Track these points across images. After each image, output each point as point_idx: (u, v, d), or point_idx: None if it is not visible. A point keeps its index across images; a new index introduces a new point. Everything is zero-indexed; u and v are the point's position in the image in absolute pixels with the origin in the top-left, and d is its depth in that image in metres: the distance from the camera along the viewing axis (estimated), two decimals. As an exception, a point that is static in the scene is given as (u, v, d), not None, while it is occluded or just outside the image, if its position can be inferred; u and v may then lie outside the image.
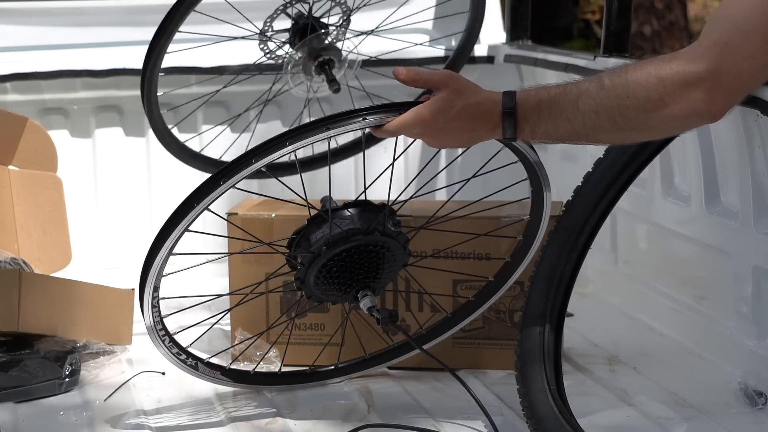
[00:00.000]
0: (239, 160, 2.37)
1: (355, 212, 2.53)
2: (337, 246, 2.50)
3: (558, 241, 2.61)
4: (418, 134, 2.32)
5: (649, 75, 2.17)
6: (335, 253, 2.50)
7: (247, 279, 2.89)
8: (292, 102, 3.62)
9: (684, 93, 2.14)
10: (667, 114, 2.16)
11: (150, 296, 2.50)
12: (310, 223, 2.54)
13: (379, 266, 2.54)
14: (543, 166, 2.51)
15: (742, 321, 2.78)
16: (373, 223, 2.50)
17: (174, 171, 3.44)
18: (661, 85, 2.15)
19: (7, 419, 2.63)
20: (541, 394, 2.48)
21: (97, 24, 3.62)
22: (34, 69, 3.50)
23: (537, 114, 2.25)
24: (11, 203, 3.27)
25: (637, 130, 2.21)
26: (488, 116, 2.27)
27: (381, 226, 2.50)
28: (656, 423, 2.59)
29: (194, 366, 2.68)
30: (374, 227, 2.50)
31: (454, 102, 2.27)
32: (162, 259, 2.45)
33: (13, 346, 2.78)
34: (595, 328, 3.18)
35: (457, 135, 2.30)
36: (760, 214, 2.68)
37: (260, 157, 2.36)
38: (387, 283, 2.64)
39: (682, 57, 2.16)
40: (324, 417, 2.65)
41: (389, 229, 2.52)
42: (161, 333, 2.59)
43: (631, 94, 2.17)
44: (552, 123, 2.24)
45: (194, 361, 2.67)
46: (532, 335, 2.55)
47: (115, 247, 3.63)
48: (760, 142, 2.61)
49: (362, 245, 2.50)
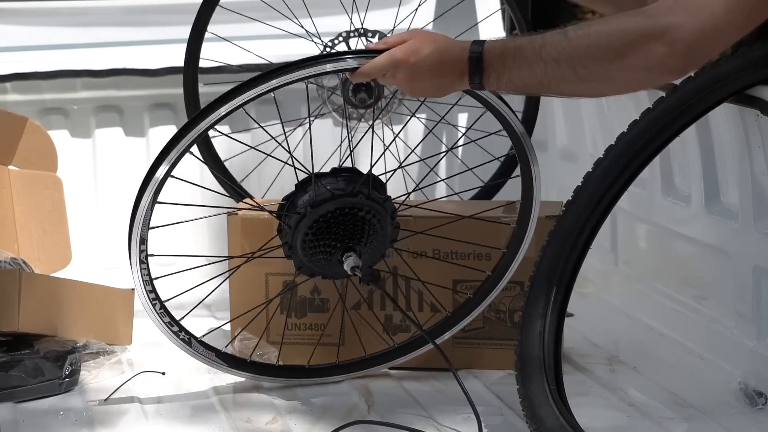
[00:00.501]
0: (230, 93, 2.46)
1: (342, 178, 2.60)
2: (321, 206, 2.56)
3: (558, 241, 2.61)
4: (391, 76, 2.38)
5: (611, 27, 2.22)
6: (321, 215, 2.56)
7: (248, 279, 2.90)
8: (292, 101, 3.63)
9: (644, 45, 2.18)
10: (626, 65, 2.20)
11: (137, 248, 2.51)
12: (298, 188, 2.61)
13: (364, 231, 2.59)
14: (528, 138, 2.58)
15: (742, 321, 2.78)
16: (357, 185, 2.57)
17: (174, 171, 3.43)
18: (622, 36, 2.19)
19: (7, 419, 2.63)
20: (541, 394, 2.48)
21: (97, 24, 3.62)
22: (34, 69, 3.50)
23: (502, 61, 2.30)
24: (11, 203, 3.27)
25: (597, 81, 2.25)
26: (457, 62, 2.33)
27: (366, 189, 2.57)
28: (656, 423, 2.59)
29: (187, 341, 2.68)
30: (359, 189, 2.56)
31: (425, 43, 2.35)
32: (149, 202, 2.52)
33: (13, 346, 2.78)
34: (595, 328, 3.18)
35: (429, 79, 2.36)
36: (760, 214, 2.68)
37: (247, 88, 2.44)
38: (376, 257, 2.67)
39: (645, 12, 2.20)
40: (324, 417, 2.65)
41: (374, 194, 2.59)
42: (151, 296, 2.58)
43: (592, 43, 2.22)
44: (516, 71, 2.29)
45: (187, 336, 2.67)
46: (532, 335, 2.55)
47: (115, 247, 3.62)
48: (760, 142, 2.61)
49: (347, 207, 2.56)
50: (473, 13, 3.83)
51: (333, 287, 2.88)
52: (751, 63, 2.45)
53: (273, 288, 2.92)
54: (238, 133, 3.29)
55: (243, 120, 3.44)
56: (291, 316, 2.93)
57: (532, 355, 2.53)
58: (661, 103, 2.55)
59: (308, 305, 2.93)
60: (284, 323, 2.92)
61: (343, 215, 2.58)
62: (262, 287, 2.91)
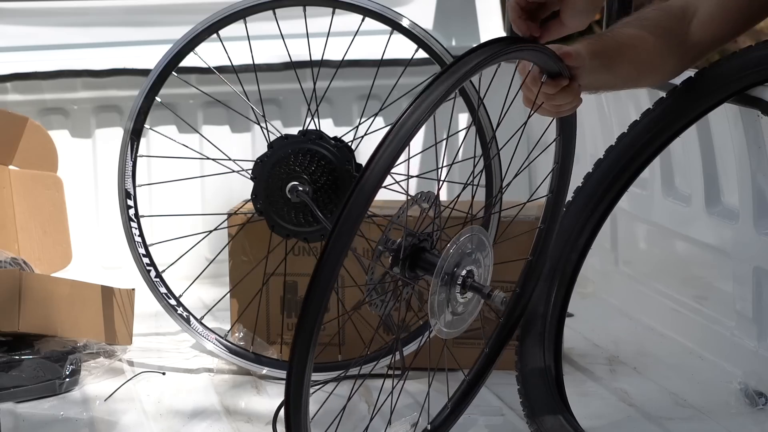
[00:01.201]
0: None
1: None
2: (277, 149, 2.79)
3: (558, 241, 2.61)
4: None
5: None
6: (280, 157, 2.77)
7: (248, 278, 2.90)
8: (292, 102, 3.63)
9: None
10: None
11: (123, 198, 2.60)
12: (269, 147, 2.82)
13: (313, 166, 2.78)
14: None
15: (742, 321, 2.78)
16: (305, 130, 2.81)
17: (174, 171, 3.43)
18: None
19: (7, 419, 2.63)
20: (542, 394, 2.48)
21: (97, 24, 3.62)
22: (34, 69, 3.50)
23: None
24: (11, 203, 3.27)
25: None
26: None
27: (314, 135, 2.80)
28: (656, 423, 2.59)
29: (185, 319, 2.70)
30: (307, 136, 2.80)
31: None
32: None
33: (13, 346, 2.78)
34: (595, 328, 3.18)
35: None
36: (760, 214, 2.68)
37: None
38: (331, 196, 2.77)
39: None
40: (324, 417, 2.65)
41: (327, 140, 2.79)
42: (145, 261, 2.61)
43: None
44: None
45: (187, 313, 2.70)
46: (532, 335, 2.55)
47: (115, 247, 3.62)
48: (761, 142, 2.61)
49: (299, 149, 2.78)
50: (473, 13, 3.83)
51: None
52: (752, 63, 2.45)
53: (273, 286, 2.93)
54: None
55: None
56: (291, 316, 2.93)
57: (533, 355, 2.53)
58: (662, 104, 2.55)
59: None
60: (282, 322, 2.93)
61: (295, 154, 2.77)
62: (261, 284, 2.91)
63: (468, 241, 2.14)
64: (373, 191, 1.89)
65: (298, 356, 1.91)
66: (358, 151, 2.86)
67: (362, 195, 1.89)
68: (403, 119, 1.93)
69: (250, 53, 2.87)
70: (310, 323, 1.90)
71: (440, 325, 2.15)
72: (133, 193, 2.83)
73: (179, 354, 2.99)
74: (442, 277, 2.11)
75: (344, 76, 3.20)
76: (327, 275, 1.88)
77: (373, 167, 1.90)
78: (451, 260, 2.12)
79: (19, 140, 3.29)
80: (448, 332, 2.18)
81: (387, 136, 1.91)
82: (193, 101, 3.58)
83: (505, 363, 2.79)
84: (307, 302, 1.89)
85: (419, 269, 2.16)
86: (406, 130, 1.92)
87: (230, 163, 2.88)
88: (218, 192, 3.52)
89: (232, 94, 3.02)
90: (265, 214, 2.79)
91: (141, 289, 2.95)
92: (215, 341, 2.85)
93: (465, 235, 2.14)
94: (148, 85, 2.83)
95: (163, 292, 2.79)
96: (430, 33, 2.80)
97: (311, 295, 1.89)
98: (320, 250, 1.90)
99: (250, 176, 2.81)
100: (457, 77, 1.99)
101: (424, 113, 1.93)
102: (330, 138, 2.80)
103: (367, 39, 2.89)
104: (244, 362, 2.87)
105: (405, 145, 1.92)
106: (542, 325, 2.56)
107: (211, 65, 2.94)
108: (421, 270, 2.15)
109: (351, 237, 1.88)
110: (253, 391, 2.81)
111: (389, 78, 2.98)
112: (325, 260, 1.88)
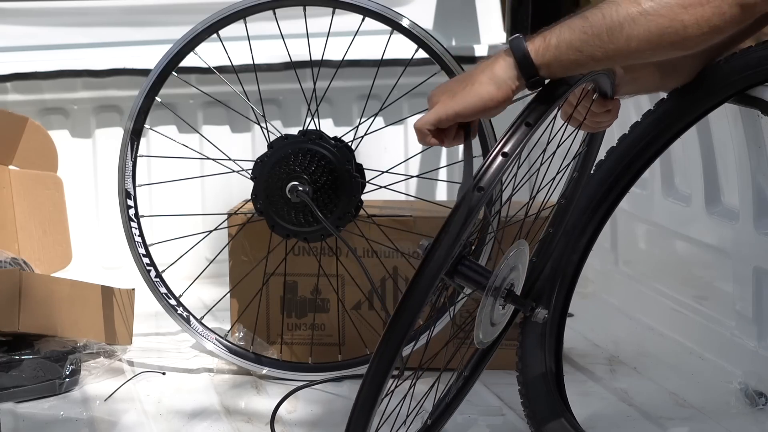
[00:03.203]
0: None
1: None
2: (277, 149, 2.79)
3: (559, 242, 2.61)
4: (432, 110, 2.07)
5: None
6: (280, 157, 2.77)
7: (248, 278, 2.90)
8: (292, 102, 3.63)
9: None
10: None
11: (123, 197, 2.56)
12: (269, 147, 2.82)
13: (313, 166, 2.78)
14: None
15: (742, 321, 2.78)
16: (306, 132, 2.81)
17: (174, 171, 3.43)
18: None
19: (7, 419, 2.63)
20: (542, 394, 2.48)
21: (97, 24, 3.62)
22: (34, 69, 3.50)
23: (547, 29, 2.05)
24: (11, 203, 3.27)
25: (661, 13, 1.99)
26: (494, 59, 2.05)
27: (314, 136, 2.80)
28: (656, 423, 2.59)
29: (186, 319, 2.70)
30: (307, 135, 2.80)
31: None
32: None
33: (13, 346, 2.78)
34: (595, 328, 3.18)
35: (472, 83, 2.03)
36: (760, 214, 2.68)
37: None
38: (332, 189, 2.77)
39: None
40: (324, 417, 2.65)
41: (328, 140, 2.79)
42: (146, 261, 2.61)
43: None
44: (566, 28, 2.03)
45: (187, 313, 2.70)
46: (533, 335, 2.55)
47: (115, 247, 3.62)
48: (761, 141, 2.61)
49: (299, 149, 2.79)
50: (473, 13, 3.83)
51: (332, 288, 2.89)
52: (752, 63, 2.45)
53: (273, 286, 2.93)
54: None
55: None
56: (291, 316, 2.94)
57: (533, 355, 2.53)
58: (662, 105, 2.55)
59: (308, 305, 2.94)
60: (282, 322, 2.93)
61: (295, 154, 2.78)
62: (261, 283, 2.91)
63: (515, 255, 2.11)
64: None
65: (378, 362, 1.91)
66: (358, 151, 2.87)
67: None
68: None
69: (250, 53, 2.88)
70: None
71: (481, 336, 2.13)
72: (133, 193, 2.84)
73: (179, 354, 2.99)
74: (492, 292, 2.07)
75: (344, 76, 3.20)
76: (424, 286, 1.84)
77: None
78: (500, 275, 2.08)
79: (19, 140, 3.29)
80: (483, 342, 2.16)
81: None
82: (193, 101, 3.59)
83: (505, 363, 2.79)
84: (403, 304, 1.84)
85: (464, 281, 2.09)
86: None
87: (230, 163, 2.88)
88: (218, 192, 3.52)
89: (232, 94, 3.03)
90: (265, 214, 2.80)
91: (141, 289, 2.95)
92: (215, 341, 2.86)
93: (513, 250, 2.09)
94: (148, 85, 2.84)
95: (163, 292, 2.81)
96: (430, 33, 2.81)
97: (410, 294, 1.84)
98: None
99: (250, 176, 2.81)
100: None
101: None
102: (330, 138, 2.81)
103: (367, 39, 2.89)
104: (244, 362, 2.88)
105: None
106: (543, 326, 2.55)
107: (211, 65, 2.94)
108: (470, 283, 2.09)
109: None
110: (253, 391, 2.82)
111: (389, 78, 2.99)
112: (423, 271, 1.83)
